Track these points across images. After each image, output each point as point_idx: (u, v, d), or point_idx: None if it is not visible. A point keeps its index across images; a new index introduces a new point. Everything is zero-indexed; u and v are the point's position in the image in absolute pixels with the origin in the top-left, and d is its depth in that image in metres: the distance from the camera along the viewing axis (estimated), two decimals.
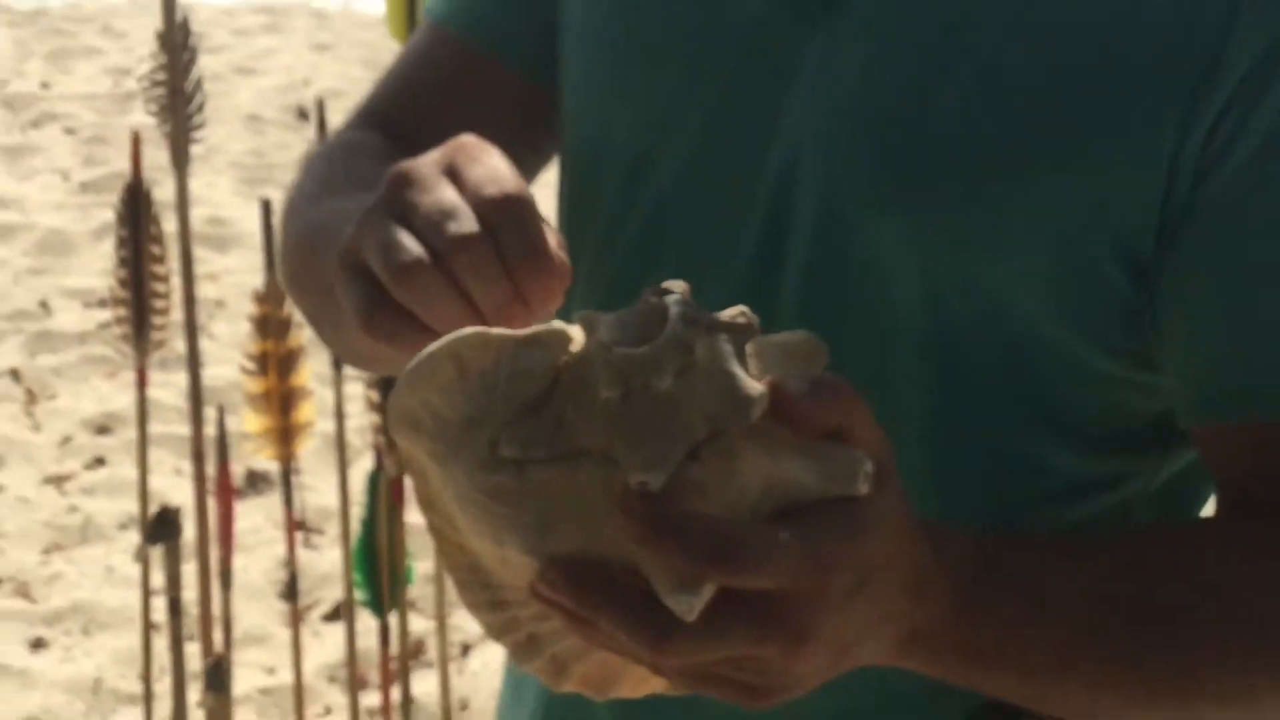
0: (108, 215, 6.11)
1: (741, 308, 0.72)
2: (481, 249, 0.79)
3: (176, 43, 2.13)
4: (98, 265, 5.74)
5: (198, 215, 4.17)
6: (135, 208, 2.21)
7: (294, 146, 7.07)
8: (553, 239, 0.81)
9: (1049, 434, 0.99)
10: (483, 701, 3.52)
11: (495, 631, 0.79)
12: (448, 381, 0.72)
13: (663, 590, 0.69)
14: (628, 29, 1.07)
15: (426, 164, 0.83)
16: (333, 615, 3.84)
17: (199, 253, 2.20)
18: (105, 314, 5.33)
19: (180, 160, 2.12)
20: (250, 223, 6.15)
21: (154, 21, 7.27)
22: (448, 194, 0.81)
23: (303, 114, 7.53)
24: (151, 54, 2.16)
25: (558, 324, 0.73)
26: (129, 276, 2.24)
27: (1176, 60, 0.91)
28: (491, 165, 0.83)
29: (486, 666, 3.64)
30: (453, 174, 0.83)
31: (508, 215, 0.80)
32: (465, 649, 3.70)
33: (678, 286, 0.73)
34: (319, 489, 4.19)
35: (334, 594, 3.85)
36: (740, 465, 0.70)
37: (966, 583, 0.85)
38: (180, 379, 4.74)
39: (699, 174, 1.03)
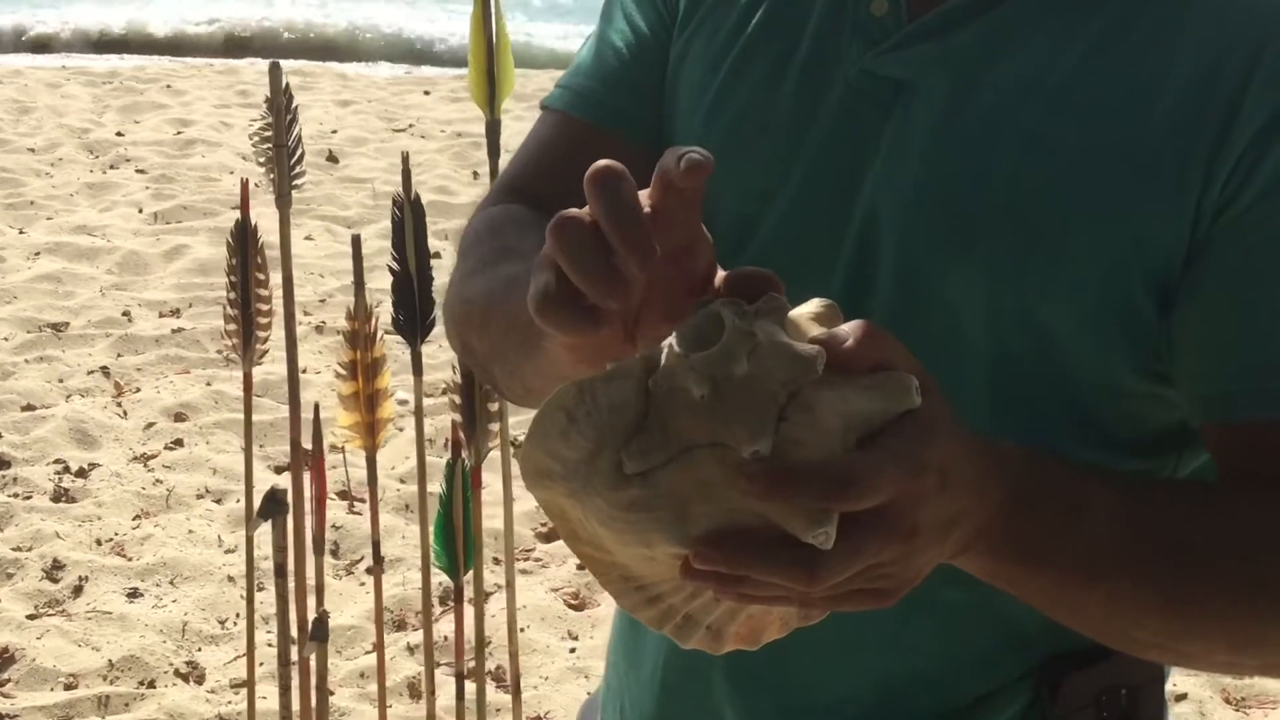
0: (177, 240, 6.06)
1: (770, 294, 0.73)
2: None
3: (280, 106, 2.08)
4: (169, 281, 5.67)
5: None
6: (244, 240, 2.17)
7: (326, 184, 7.00)
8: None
9: (1085, 440, 0.97)
10: (500, 636, 3.50)
11: (656, 622, 0.77)
12: (562, 428, 0.71)
13: (799, 531, 0.68)
14: (735, 115, 1.05)
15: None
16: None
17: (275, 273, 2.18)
18: (176, 321, 5.27)
19: (283, 204, 2.08)
20: (294, 247, 6.08)
21: (207, 83, 7.19)
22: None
23: (332, 157, 7.46)
24: (261, 114, 2.11)
25: (630, 358, 0.72)
26: (238, 297, 2.20)
27: (1198, 126, 0.91)
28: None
29: (503, 609, 3.60)
30: None
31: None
32: (486, 596, 3.66)
33: (715, 297, 0.73)
34: (359, 464, 4.14)
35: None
36: (820, 413, 0.69)
37: (1018, 484, 0.83)
38: (238, 374, 4.69)
39: (796, 231, 1.02)
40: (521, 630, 3.50)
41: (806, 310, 0.74)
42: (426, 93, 9.06)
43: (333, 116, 8.36)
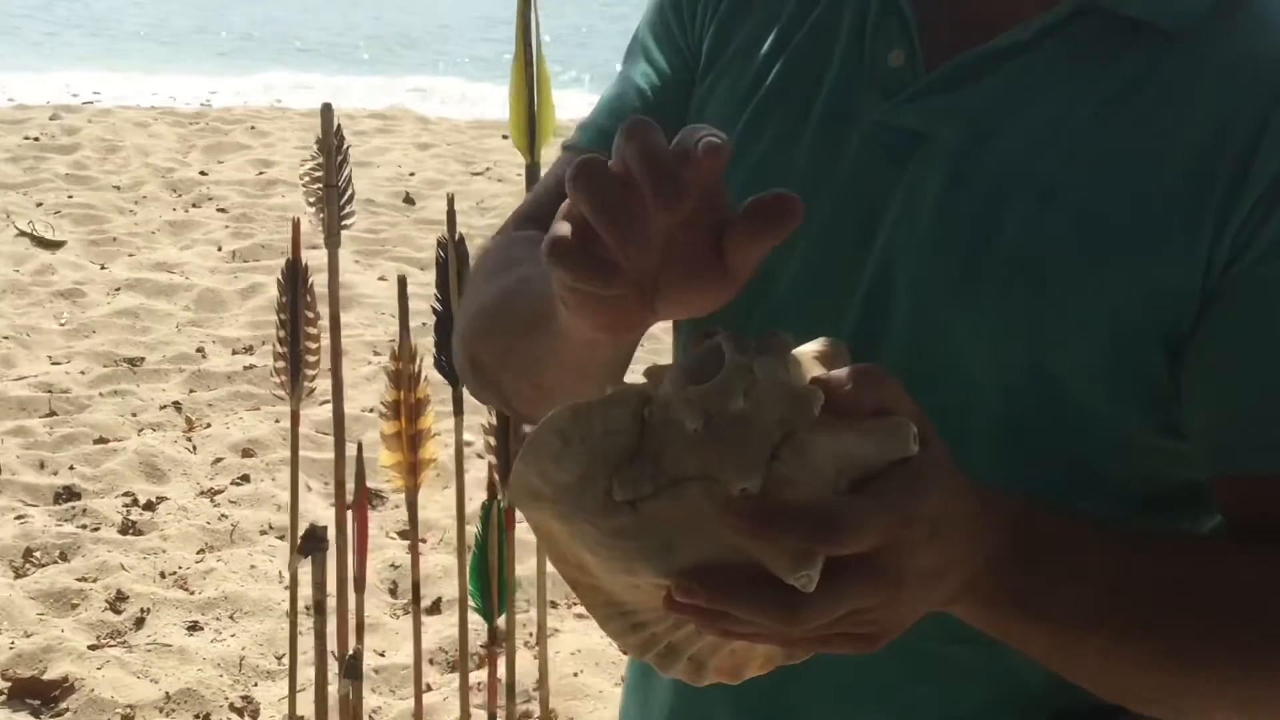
0: (253, 279, 6.14)
1: (774, 330, 0.72)
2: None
3: (331, 147, 2.10)
4: (244, 319, 5.74)
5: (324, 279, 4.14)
6: (294, 279, 2.19)
7: (402, 225, 7.08)
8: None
9: (1096, 495, 0.95)
10: (554, 680, 3.48)
11: (638, 650, 0.77)
12: (555, 451, 0.70)
13: (783, 572, 0.67)
14: (754, 164, 1.04)
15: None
16: (431, 609, 3.80)
17: (324, 309, 2.18)
18: (250, 359, 5.33)
19: (333, 244, 2.10)
20: (366, 287, 6.16)
21: (291, 124, 7.32)
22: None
23: (408, 199, 7.54)
24: (311, 155, 2.14)
25: (628, 384, 0.72)
26: (287, 335, 2.22)
27: (1210, 180, 0.90)
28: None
29: (558, 653, 3.60)
30: None
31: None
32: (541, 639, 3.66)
33: (714, 329, 0.72)
34: (422, 505, 4.16)
35: (433, 591, 3.82)
36: (813, 454, 0.69)
37: (1014, 534, 0.82)
38: (309, 412, 4.73)
39: (811, 281, 1.01)
40: (576, 675, 3.49)
41: (811, 348, 0.73)
42: (505, 136, 9.14)
43: (411, 159, 8.46)
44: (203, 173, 7.84)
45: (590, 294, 0.75)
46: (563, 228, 0.74)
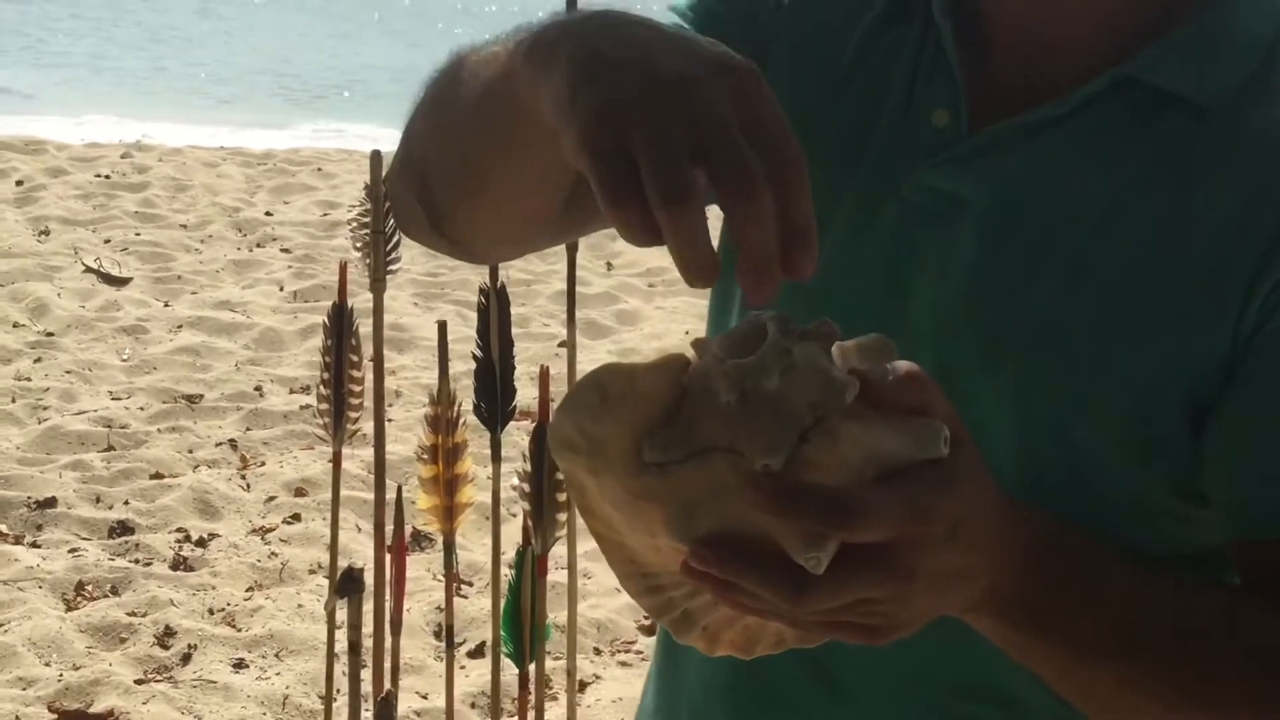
0: (313, 319, 6.21)
1: (824, 319, 0.73)
2: (764, 210, 0.70)
3: (379, 194, 2.13)
4: (303, 359, 5.80)
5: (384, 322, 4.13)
6: (340, 322, 2.22)
7: (461, 269, 7.13)
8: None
9: None
10: None
11: (655, 612, 0.78)
12: (594, 407, 0.72)
13: (794, 551, 0.69)
14: None
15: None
16: (475, 653, 3.81)
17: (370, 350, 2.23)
18: (307, 398, 5.39)
19: (378, 288, 2.13)
20: (424, 330, 6.21)
21: (356, 167, 7.38)
22: (736, 135, 0.71)
23: None
24: (360, 200, 2.17)
25: (675, 353, 0.73)
26: (331, 377, 2.24)
27: (1241, 253, 0.91)
28: (775, 113, 0.73)
29: (599, 700, 3.60)
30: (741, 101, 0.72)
31: (788, 177, 0.72)
32: (582, 686, 3.66)
33: (769, 309, 0.73)
34: (469, 548, 4.18)
35: (478, 635, 3.84)
36: (842, 442, 0.69)
37: (1040, 550, 0.82)
38: (363, 453, 4.77)
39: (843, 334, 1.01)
40: None
41: (857, 341, 0.74)
42: None
43: None
44: (268, 213, 7.95)
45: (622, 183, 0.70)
46: (614, 181, 0.70)
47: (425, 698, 3.60)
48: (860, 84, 1.04)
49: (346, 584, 2.00)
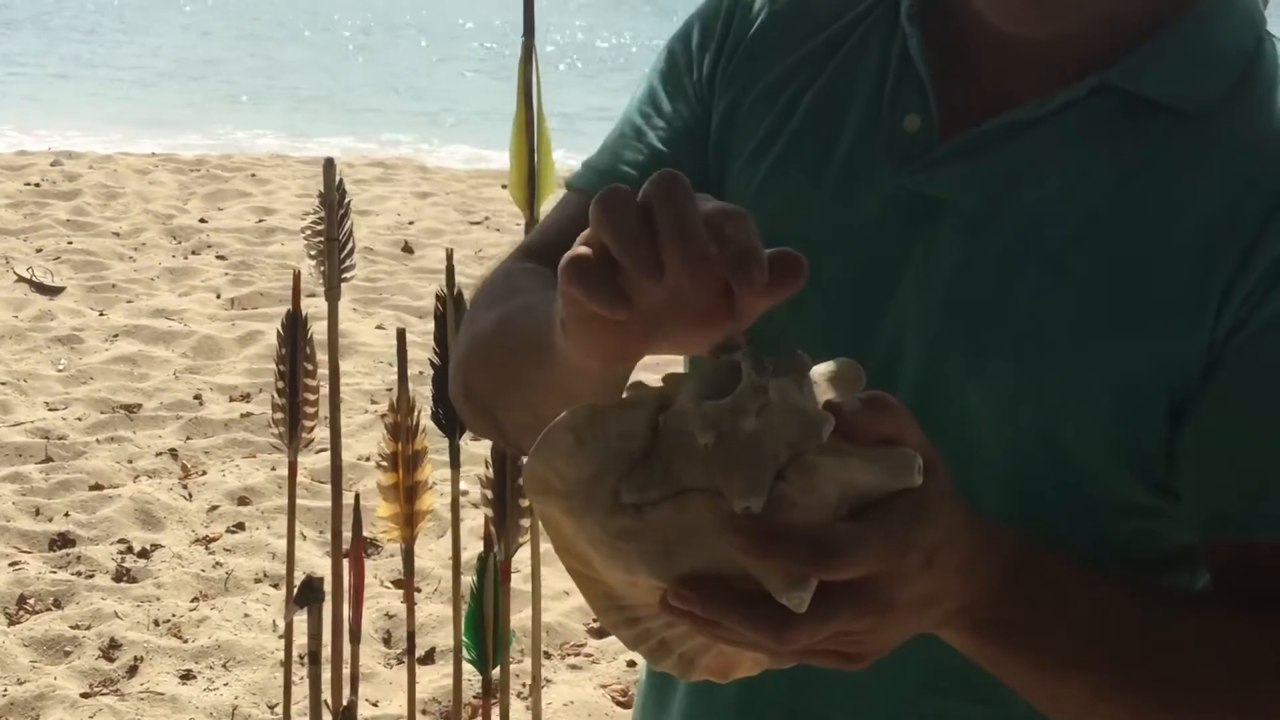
0: (251, 326, 6.16)
1: (792, 349, 0.73)
2: (711, 271, 0.73)
3: (332, 201, 2.13)
4: (242, 367, 5.76)
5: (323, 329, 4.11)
6: (294, 330, 2.21)
7: (400, 274, 7.11)
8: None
9: (1101, 557, 0.97)
10: None
11: (631, 642, 0.79)
12: (569, 449, 0.72)
13: (776, 591, 0.69)
14: (769, 221, 1.06)
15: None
16: (426, 659, 3.80)
17: (323, 358, 2.21)
18: (247, 406, 5.34)
19: (333, 295, 2.12)
20: (364, 336, 6.18)
21: (291, 172, 7.32)
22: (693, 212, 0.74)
23: (407, 248, 7.58)
24: (313, 209, 2.16)
25: (647, 388, 0.74)
26: (286, 385, 2.23)
27: (1219, 253, 0.92)
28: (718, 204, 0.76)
29: (550, 705, 3.60)
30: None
31: (736, 230, 0.74)
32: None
33: (737, 342, 0.74)
34: (417, 554, 4.16)
35: (428, 640, 3.83)
36: (819, 478, 0.70)
37: (1011, 567, 0.84)
38: (307, 460, 4.74)
39: (822, 338, 1.02)
40: None
41: (827, 369, 0.75)
42: (504, 186, 9.18)
43: (411, 208, 8.50)
44: (202, 220, 7.88)
45: (592, 318, 0.76)
46: (582, 250, 0.75)
47: (376, 705, 3.58)
48: (828, 86, 1.06)
49: (306, 593, 1.99)
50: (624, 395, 0.74)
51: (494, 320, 1.06)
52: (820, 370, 0.74)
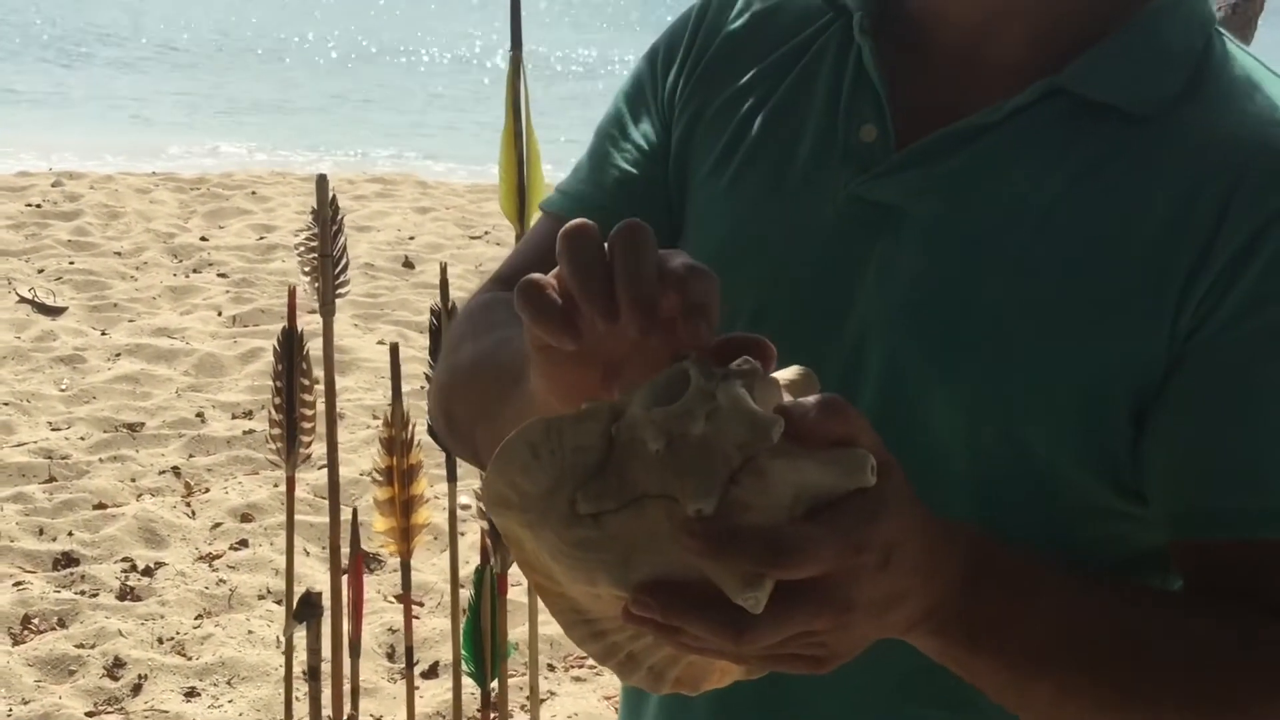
0: (253, 343, 6.18)
1: (746, 357, 0.74)
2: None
3: (326, 217, 2.14)
4: (244, 384, 5.77)
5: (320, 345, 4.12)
6: (290, 347, 2.21)
7: (401, 289, 7.12)
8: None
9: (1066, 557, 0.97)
10: None
11: (600, 657, 0.79)
12: (525, 462, 0.73)
13: (732, 593, 0.69)
14: (726, 233, 1.06)
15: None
16: (429, 673, 3.81)
17: (319, 374, 2.22)
18: (250, 423, 5.35)
19: (328, 311, 2.12)
20: (365, 351, 6.19)
21: (291, 189, 7.35)
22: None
23: (408, 263, 7.59)
24: (306, 225, 2.17)
25: (600, 401, 0.74)
26: (283, 401, 2.24)
27: (1177, 249, 0.92)
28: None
29: (555, 716, 3.60)
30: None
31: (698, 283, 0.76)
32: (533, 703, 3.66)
33: (691, 353, 0.74)
34: (418, 568, 4.17)
35: (431, 654, 3.83)
36: (771, 480, 0.70)
37: (974, 566, 0.84)
38: (308, 476, 4.75)
39: (785, 349, 1.03)
40: None
41: (782, 376, 0.75)
42: None
43: (411, 223, 8.51)
44: (203, 238, 7.90)
45: (548, 348, 0.78)
46: (544, 277, 0.77)
47: (380, 719, 3.59)
48: (784, 99, 1.07)
49: (305, 609, 1.99)
50: (579, 409, 0.74)
51: (473, 353, 1.08)
52: (776, 376, 0.75)
